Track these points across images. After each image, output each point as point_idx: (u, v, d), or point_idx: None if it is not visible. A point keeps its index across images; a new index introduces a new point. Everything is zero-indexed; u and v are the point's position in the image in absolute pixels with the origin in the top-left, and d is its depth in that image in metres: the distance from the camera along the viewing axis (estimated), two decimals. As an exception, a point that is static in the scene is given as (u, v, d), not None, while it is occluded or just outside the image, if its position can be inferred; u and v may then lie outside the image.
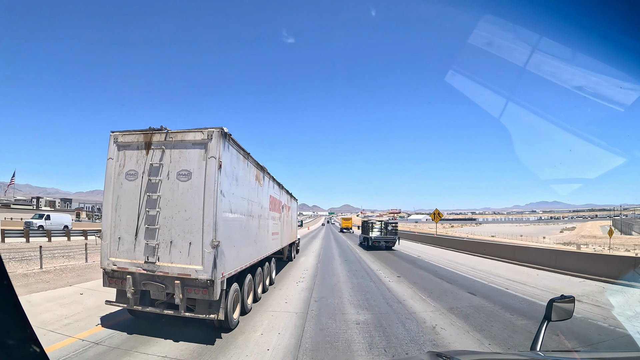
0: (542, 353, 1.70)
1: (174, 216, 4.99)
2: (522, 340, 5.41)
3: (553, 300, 1.79)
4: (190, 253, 4.87)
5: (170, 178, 5.06)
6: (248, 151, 6.47)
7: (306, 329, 5.99)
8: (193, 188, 4.95)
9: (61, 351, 4.69)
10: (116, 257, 5.31)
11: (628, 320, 5.75)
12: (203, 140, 5.01)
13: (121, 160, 5.42)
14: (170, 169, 5.09)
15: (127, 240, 5.24)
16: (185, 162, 5.05)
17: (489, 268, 14.41)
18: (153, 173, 5.15)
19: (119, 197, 5.35)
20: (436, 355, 1.54)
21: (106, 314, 6.41)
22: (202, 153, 4.98)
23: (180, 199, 4.98)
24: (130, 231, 5.21)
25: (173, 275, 4.94)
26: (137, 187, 5.22)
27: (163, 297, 5.21)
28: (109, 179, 5.43)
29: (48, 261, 12.97)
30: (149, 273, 5.07)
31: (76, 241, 24.04)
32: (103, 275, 5.46)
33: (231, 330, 5.68)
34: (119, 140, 5.46)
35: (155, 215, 5.05)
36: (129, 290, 5.20)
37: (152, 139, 5.26)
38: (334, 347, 5.14)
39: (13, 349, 0.64)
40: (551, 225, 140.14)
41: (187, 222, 4.93)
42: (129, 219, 5.24)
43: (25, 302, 7.33)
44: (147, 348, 4.86)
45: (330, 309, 7.46)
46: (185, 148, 5.09)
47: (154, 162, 5.18)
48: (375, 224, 24.97)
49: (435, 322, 6.49)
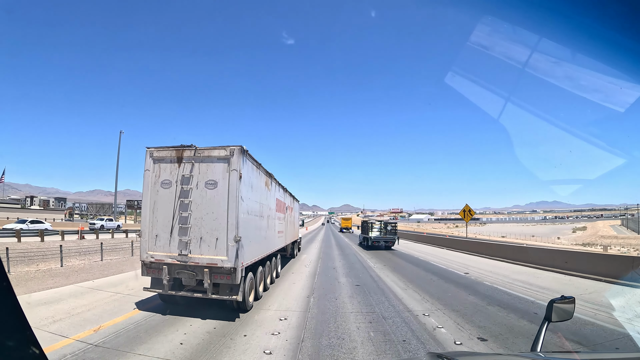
0: (543, 354, 1.69)
1: (203, 217, 6.20)
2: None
3: (553, 301, 1.77)
4: (217, 246, 6.09)
5: (199, 187, 6.27)
6: (259, 162, 7.68)
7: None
8: (218, 195, 6.16)
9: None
10: (154, 251, 6.50)
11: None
12: (226, 156, 6.22)
13: (157, 171, 6.61)
14: (199, 179, 6.30)
15: (163, 237, 6.44)
16: (211, 174, 6.25)
17: (526, 277, 11.84)
18: (185, 182, 6.35)
19: (155, 202, 6.54)
20: (436, 356, 1.53)
21: (140, 300, 7.61)
22: (226, 166, 6.19)
23: (208, 203, 6.19)
24: (166, 230, 6.41)
25: (203, 264, 6.15)
26: (171, 194, 6.42)
27: (193, 283, 6.41)
28: (146, 187, 6.62)
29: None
30: (182, 263, 6.28)
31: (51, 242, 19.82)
32: (142, 266, 6.66)
33: (247, 311, 6.89)
34: (154, 155, 6.65)
35: (187, 217, 6.25)
36: (164, 277, 6.39)
37: (183, 154, 6.46)
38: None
39: (12, 350, 0.64)
40: (558, 225, 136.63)
41: (214, 222, 6.14)
42: (164, 220, 6.43)
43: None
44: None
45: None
46: (211, 162, 6.29)
47: (185, 173, 6.38)
48: (375, 224, 25.45)
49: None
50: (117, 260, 15.28)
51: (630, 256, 13.85)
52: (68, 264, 13.19)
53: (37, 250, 15.31)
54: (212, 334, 5.59)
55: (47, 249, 15.55)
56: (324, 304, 7.89)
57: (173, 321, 6.22)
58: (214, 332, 5.72)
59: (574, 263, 12.51)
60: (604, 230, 74.46)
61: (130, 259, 15.70)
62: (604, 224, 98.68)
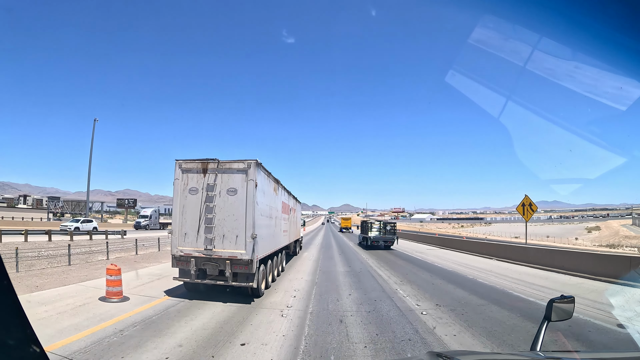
0: (542, 353, 1.71)
1: (225, 218, 7.57)
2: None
3: (553, 300, 1.79)
4: (237, 242, 7.47)
5: (222, 193, 7.64)
6: (269, 171, 9.06)
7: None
8: (238, 200, 7.54)
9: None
10: (183, 247, 7.86)
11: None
12: (244, 168, 7.60)
13: (185, 180, 7.98)
14: (222, 187, 7.67)
15: (191, 235, 7.81)
16: (232, 183, 7.63)
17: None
18: (209, 189, 7.72)
19: (184, 206, 7.91)
20: (436, 356, 1.54)
21: (169, 288, 8.98)
22: (244, 177, 7.57)
23: (229, 207, 7.57)
24: (193, 229, 7.78)
25: (225, 257, 7.52)
26: (198, 199, 7.79)
27: (216, 272, 7.77)
28: (176, 193, 7.99)
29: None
30: (207, 256, 7.65)
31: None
32: (172, 259, 8.02)
33: (260, 297, 8.27)
34: (182, 166, 8.02)
35: (212, 218, 7.62)
36: (192, 268, 7.75)
37: (208, 166, 7.84)
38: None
39: (13, 349, 0.64)
40: (566, 224, 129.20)
41: (234, 222, 7.52)
42: (192, 221, 7.79)
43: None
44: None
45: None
46: (231, 173, 7.67)
47: (209, 182, 7.75)
48: (374, 224, 26.01)
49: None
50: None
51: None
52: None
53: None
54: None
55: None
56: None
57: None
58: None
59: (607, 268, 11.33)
60: (623, 230, 70.88)
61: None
62: (618, 224, 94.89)
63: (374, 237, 24.36)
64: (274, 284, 10.04)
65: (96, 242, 22.61)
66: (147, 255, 17.38)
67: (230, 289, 8.24)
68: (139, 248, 18.37)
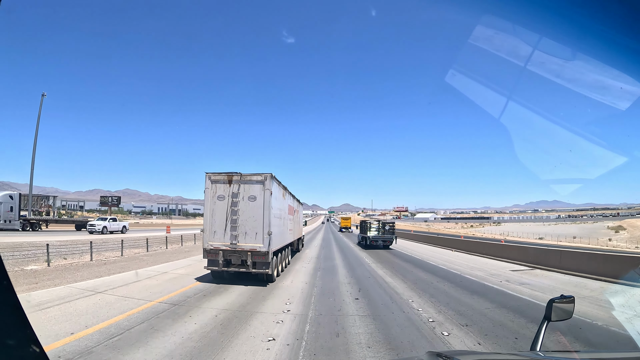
0: (542, 353, 1.73)
1: (247, 219, 9.75)
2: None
3: (553, 300, 1.82)
4: (256, 238, 9.64)
5: (244, 200, 9.81)
6: (279, 180, 11.22)
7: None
8: (257, 205, 9.71)
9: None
10: (212, 242, 10.02)
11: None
12: (261, 180, 9.77)
13: (213, 189, 10.13)
14: (244, 195, 9.84)
15: (219, 232, 9.97)
16: (252, 191, 9.80)
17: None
18: (234, 197, 9.89)
19: (213, 210, 10.07)
20: (436, 355, 1.57)
21: (198, 277, 11.14)
22: (261, 187, 9.75)
23: (250, 210, 9.74)
24: (221, 228, 9.95)
25: (247, 249, 9.69)
26: (224, 204, 9.95)
27: (239, 262, 9.93)
28: (207, 199, 10.14)
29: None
30: (232, 249, 9.81)
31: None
32: (203, 251, 10.17)
33: (273, 281, 10.45)
34: (211, 178, 10.17)
35: (237, 219, 9.80)
36: (220, 259, 9.90)
37: (232, 178, 10.00)
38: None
39: (13, 349, 0.65)
40: (581, 224, 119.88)
41: (254, 222, 9.69)
42: (220, 221, 9.96)
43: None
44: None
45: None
46: (251, 184, 9.84)
47: (234, 191, 9.92)
48: (373, 224, 26.57)
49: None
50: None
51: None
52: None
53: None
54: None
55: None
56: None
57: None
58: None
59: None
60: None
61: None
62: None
63: (372, 237, 25.11)
64: (282, 274, 12.22)
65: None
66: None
67: (249, 277, 10.39)
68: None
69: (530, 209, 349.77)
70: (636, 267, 10.05)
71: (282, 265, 12.41)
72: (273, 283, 10.39)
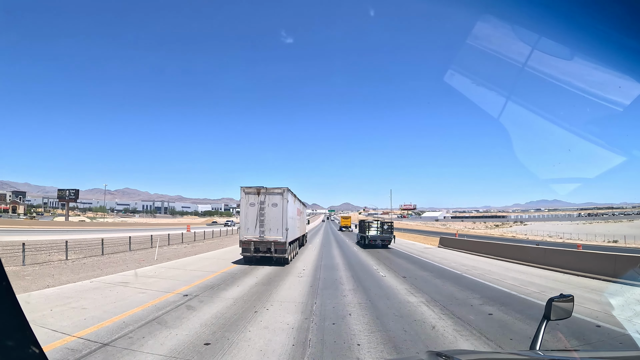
0: (542, 352, 1.77)
1: (270, 220, 14.25)
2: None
3: (552, 299, 1.86)
4: (277, 232, 14.11)
5: (269, 206, 14.30)
6: (291, 190, 15.66)
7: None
8: (277, 209, 14.19)
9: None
10: (245, 235, 14.48)
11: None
12: (281, 192, 14.29)
13: (246, 198, 14.61)
14: (268, 202, 14.31)
15: (250, 229, 14.43)
16: (274, 200, 14.29)
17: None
18: (261, 204, 14.36)
19: (246, 213, 14.52)
20: (436, 355, 1.59)
21: (235, 260, 15.55)
22: (281, 197, 14.25)
23: (273, 213, 14.26)
24: (251, 225, 14.42)
25: (271, 240, 14.23)
26: (255, 209, 14.43)
27: (265, 250, 14.39)
28: (242, 205, 14.65)
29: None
30: (260, 240, 14.28)
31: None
32: (240, 242, 14.62)
33: (288, 264, 14.91)
34: (245, 190, 14.65)
35: (263, 220, 14.28)
36: (251, 247, 14.35)
37: (260, 191, 14.47)
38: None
39: (12, 350, 0.66)
40: (606, 223, 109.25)
41: (276, 222, 14.22)
42: (252, 221, 14.42)
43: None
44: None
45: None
46: (274, 194, 14.34)
47: (261, 200, 14.39)
48: (372, 223, 27.50)
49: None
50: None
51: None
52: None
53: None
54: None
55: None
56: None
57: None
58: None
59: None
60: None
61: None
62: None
63: (371, 236, 26.05)
64: (293, 260, 16.65)
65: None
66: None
67: (270, 261, 14.76)
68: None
69: (532, 209, 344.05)
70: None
71: (293, 254, 16.86)
72: (288, 265, 14.80)
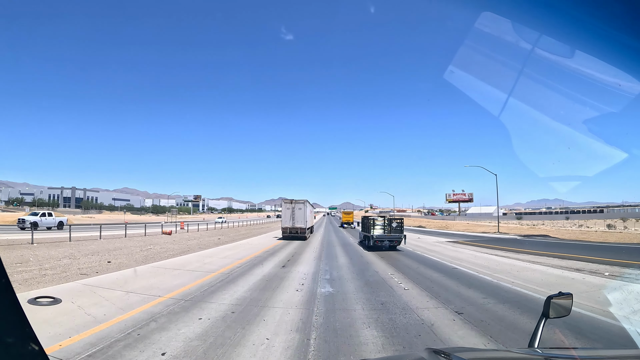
0: (540, 350, 1.81)
1: (298, 216, 28.22)
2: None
3: (551, 297, 1.89)
4: (301, 223, 28.21)
5: (297, 209, 28.35)
6: (308, 200, 29.46)
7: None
8: (302, 211, 28.29)
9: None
10: (285, 224, 28.59)
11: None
12: (303, 202, 28.54)
13: (285, 205, 28.63)
14: (297, 208, 28.43)
15: (287, 221, 28.46)
16: (301, 207, 28.40)
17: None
18: (293, 209, 28.38)
19: (285, 213, 28.55)
20: (434, 353, 1.61)
21: (277, 239, 29.21)
22: (304, 205, 28.37)
23: (300, 213, 28.31)
24: (288, 219, 28.45)
25: (299, 227, 28.24)
26: (289, 211, 28.46)
27: (295, 232, 28.41)
28: (283, 210, 28.76)
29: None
30: (292, 227, 28.31)
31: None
32: (282, 229, 28.62)
33: (307, 240, 28.73)
34: (284, 201, 28.65)
35: (294, 216, 28.28)
36: (287, 231, 28.37)
37: (292, 201, 28.55)
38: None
39: (11, 347, 0.67)
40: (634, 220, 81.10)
41: (301, 217, 28.30)
42: (288, 217, 28.48)
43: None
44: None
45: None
46: (299, 203, 28.57)
47: (293, 206, 28.43)
48: (378, 220, 22.78)
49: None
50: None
51: None
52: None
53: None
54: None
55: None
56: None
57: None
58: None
59: None
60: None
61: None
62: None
63: (377, 236, 21.93)
64: (308, 239, 30.30)
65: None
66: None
67: (297, 238, 28.26)
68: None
69: (533, 207, 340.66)
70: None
71: (309, 234, 30.65)
72: (307, 240, 28.41)
